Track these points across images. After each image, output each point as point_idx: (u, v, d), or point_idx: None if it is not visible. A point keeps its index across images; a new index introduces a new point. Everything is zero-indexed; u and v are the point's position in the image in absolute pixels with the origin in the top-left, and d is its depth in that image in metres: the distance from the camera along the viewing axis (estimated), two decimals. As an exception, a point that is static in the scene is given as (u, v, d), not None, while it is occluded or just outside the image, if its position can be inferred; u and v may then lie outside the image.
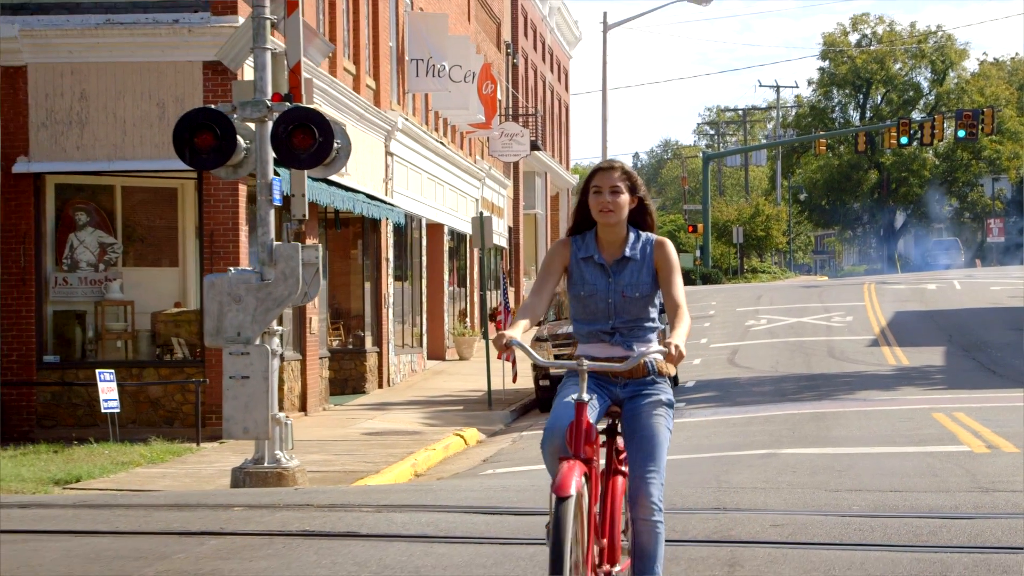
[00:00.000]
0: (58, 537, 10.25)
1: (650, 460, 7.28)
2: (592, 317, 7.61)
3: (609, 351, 7.56)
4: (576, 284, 7.65)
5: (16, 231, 22.66)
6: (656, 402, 7.47)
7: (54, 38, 22.45)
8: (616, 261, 7.63)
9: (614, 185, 7.64)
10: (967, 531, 9.54)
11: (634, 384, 7.53)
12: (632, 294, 7.57)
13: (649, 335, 7.62)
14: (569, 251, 7.72)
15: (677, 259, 7.68)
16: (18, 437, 22.14)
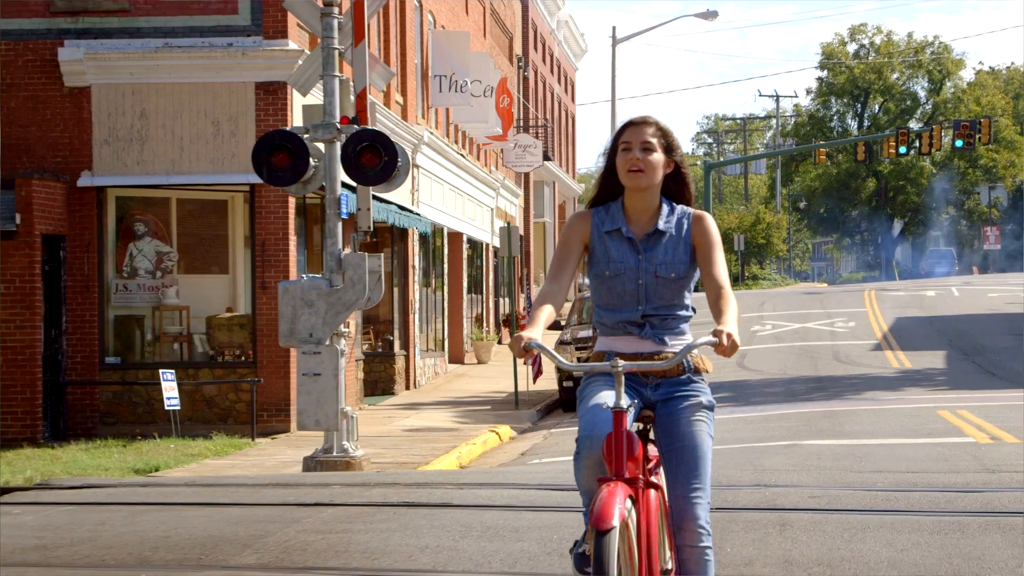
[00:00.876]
0: (192, 508, 11.79)
1: (694, 476, 6.30)
2: (619, 302, 6.56)
3: (637, 345, 6.53)
4: (600, 262, 6.61)
5: (80, 241, 24.21)
6: (696, 405, 6.46)
7: (117, 61, 23.98)
8: (647, 235, 6.59)
9: (646, 141, 6.61)
10: (978, 501, 11.12)
11: (668, 384, 6.50)
12: (667, 274, 6.54)
13: (682, 325, 6.61)
14: (590, 224, 6.67)
15: (718, 236, 6.64)
16: (82, 433, 23.69)
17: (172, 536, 10.09)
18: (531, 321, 6.42)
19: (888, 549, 9.01)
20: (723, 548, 8.99)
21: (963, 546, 9.03)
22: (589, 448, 6.20)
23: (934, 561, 8.57)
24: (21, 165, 23.86)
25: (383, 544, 9.57)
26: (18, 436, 22.86)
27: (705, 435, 6.40)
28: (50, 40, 24.10)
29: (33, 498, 12.71)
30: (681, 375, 6.49)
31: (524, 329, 6.36)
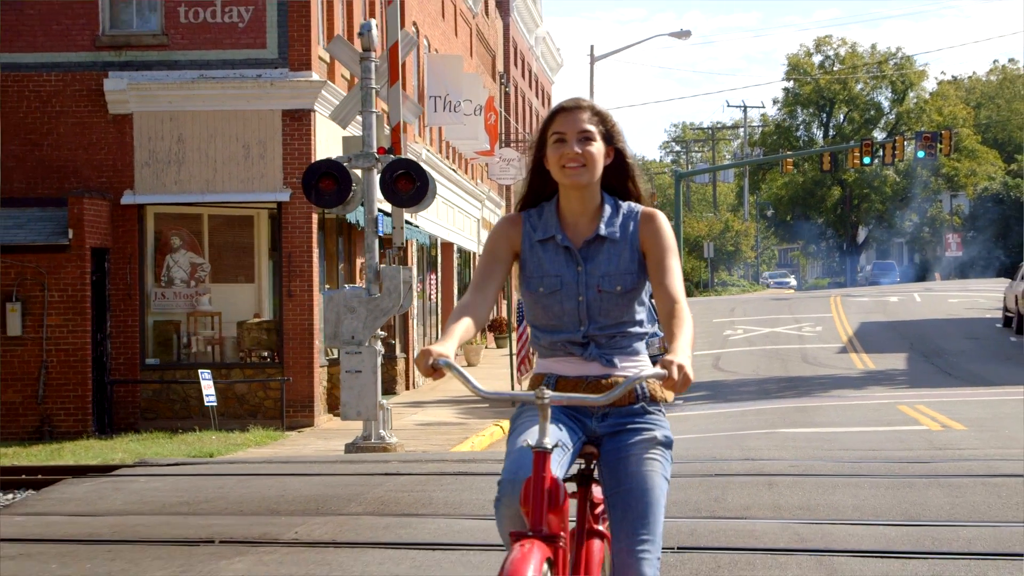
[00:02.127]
0: (286, 477, 14.31)
1: (641, 525, 5.26)
2: (556, 323, 5.53)
3: (581, 368, 5.52)
4: (532, 278, 5.55)
5: (123, 253, 26.70)
6: (648, 441, 5.42)
7: (156, 90, 26.48)
8: (587, 242, 5.55)
9: (584, 130, 5.53)
10: (925, 468, 13.76)
11: (617, 415, 5.47)
12: (612, 288, 5.50)
13: (635, 344, 5.57)
14: (521, 231, 5.64)
15: (672, 238, 5.59)
16: (125, 427, 26.18)
17: (286, 495, 12.62)
18: (445, 334, 5.34)
19: (853, 499, 11.63)
20: (724, 499, 11.56)
21: (911, 497, 11.66)
22: (512, 493, 5.17)
23: (888, 506, 11.20)
24: (69, 185, 26.34)
25: (458, 499, 12.14)
26: (70, 430, 25.35)
27: (658, 476, 5.29)
28: (96, 72, 26.57)
29: (142, 472, 15.24)
30: (633, 404, 5.44)
31: (436, 343, 5.27)
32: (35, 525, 11.30)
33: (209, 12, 26.51)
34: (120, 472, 15.24)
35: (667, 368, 5.10)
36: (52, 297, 25.47)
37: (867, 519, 10.48)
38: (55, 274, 25.46)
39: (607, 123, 5.60)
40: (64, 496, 13.19)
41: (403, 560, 9.07)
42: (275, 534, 10.22)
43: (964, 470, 13.38)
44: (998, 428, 20.71)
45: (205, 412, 25.57)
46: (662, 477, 5.33)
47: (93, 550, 9.81)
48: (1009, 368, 36.47)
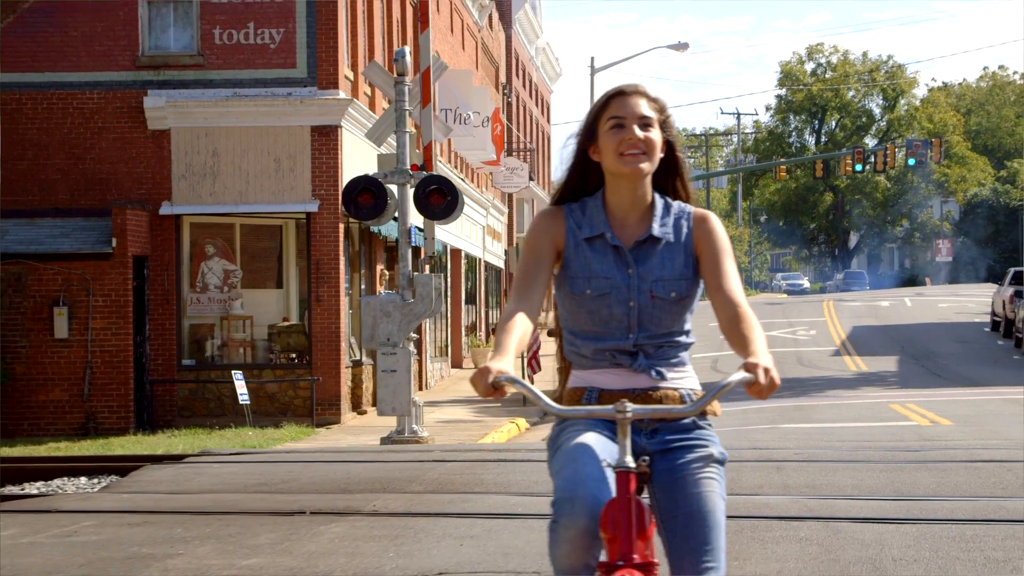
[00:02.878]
0: (345, 464, 15.99)
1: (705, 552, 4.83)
2: (602, 329, 5.07)
3: (628, 380, 5.06)
4: (577, 278, 5.08)
5: (161, 261, 28.36)
6: (704, 458, 4.99)
7: (193, 108, 28.16)
8: (638, 243, 5.08)
9: (644, 116, 5.07)
10: (914, 455, 15.47)
11: (668, 431, 5.04)
12: (665, 294, 5.05)
13: (681, 354, 5.14)
14: (564, 226, 5.13)
15: (727, 240, 5.17)
16: (163, 424, 27.84)
17: (351, 478, 14.30)
18: (498, 349, 4.85)
19: (852, 480, 13.33)
20: (739, 480, 13.22)
21: (902, 478, 13.37)
22: (571, 513, 4.64)
23: (882, 485, 12.90)
24: (111, 196, 28.01)
25: (506, 480, 13.82)
26: (113, 426, 27.02)
27: (717, 497, 4.89)
28: (135, 90, 28.26)
29: (210, 460, 16.92)
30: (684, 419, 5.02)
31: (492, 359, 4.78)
32: (144, 500, 12.98)
33: (242, 34, 28.19)
34: (190, 460, 16.92)
35: (752, 372, 4.73)
36: (97, 302, 27.13)
37: (864, 495, 12.18)
38: (99, 280, 27.12)
39: (664, 113, 5.12)
40: (153, 479, 14.89)
41: (473, 526, 10.75)
42: (356, 507, 11.90)
43: (948, 456, 15.11)
44: (981, 423, 22.45)
45: (238, 410, 27.21)
46: (720, 497, 4.91)
47: (205, 519, 11.50)
48: (995, 370, 38.23)
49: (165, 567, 9.36)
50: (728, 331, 4.98)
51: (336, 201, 27.92)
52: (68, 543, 10.56)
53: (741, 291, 5.06)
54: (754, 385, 4.74)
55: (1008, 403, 27.60)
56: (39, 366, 27.13)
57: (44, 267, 27.05)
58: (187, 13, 28.34)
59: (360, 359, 30.49)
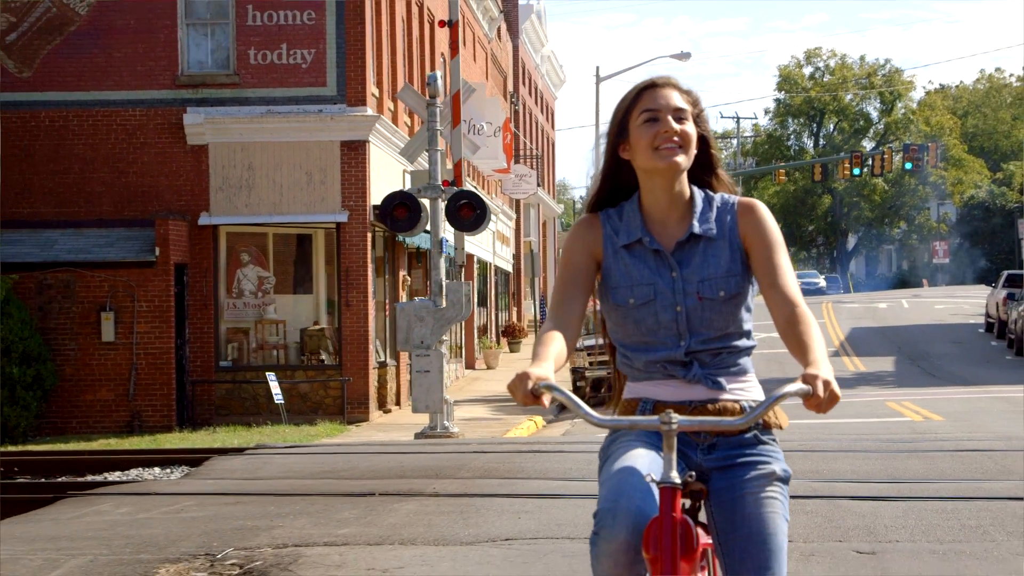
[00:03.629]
0: (392, 455, 17.73)
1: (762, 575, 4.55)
2: (651, 339, 4.76)
3: (685, 392, 4.74)
4: (619, 288, 4.80)
5: (200, 268, 30.13)
6: (766, 476, 4.68)
7: (229, 124, 29.91)
8: (680, 244, 4.77)
9: (679, 108, 4.79)
10: (906, 445, 17.23)
11: (727, 446, 4.72)
12: (714, 294, 4.75)
13: (742, 360, 4.87)
14: (601, 234, 4.86)
15: (778, 231, 4.85)
16: (202, 422, 29.58)
17: (404, 466, 16.05)
18: (537, 355, 4.63)
19: (850, 466, 15.09)
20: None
21: (895, 464, 15.13)
22: (612, 526, 4.42)
23: (877, 470, 14.66)
24: (152, 208, 29.77)
25: (543, 467, 15.58)
26: (157, 424, 28.79)
27: (779, 518, 4.62)
28: (175, 107, 30.03)
29: (269, 452, 18.67)
30: (746, 432, 4.74)
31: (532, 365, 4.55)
32: (228, 484, 14.76)
33: (276, 55, 29.96)
34: (250, 452, 18.69)
35: (811, 383, 4.41)
36: (141, 307, 28.90)
37: (861, 479, 13.94)
38: (143, 287, 28.89)
39: (698, 106, 4.83)
40: (225, 468, 16.66)
41: (526, 504, 12.50)
42: (418, 489, 13.65)
43: (936, 447, 16.90)
44: (971, 419, 24.21)
45: (272, 409, 28.97)
46: (783, 519, 4.60)
47: (290, 499, 13.25)
48: (988, 370, 39.93)
49: (272, 536, 11.12)
50: (785, 332, 4.70)
51: (364, 211, 29.70)
52: (179, 518, 12.33)
53: (797, 288, 4.76)
54: (812, 398, 4.41)
55: (998, 401, 29.33)
56: (87, 368, 28.89)
57: (91, 274, 28.80)
58: (224, 35, 30.10)
59: (385, 360, 32.26)
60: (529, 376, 4.45)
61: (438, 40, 40.15)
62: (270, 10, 29.97)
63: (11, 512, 13.88)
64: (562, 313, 4.80)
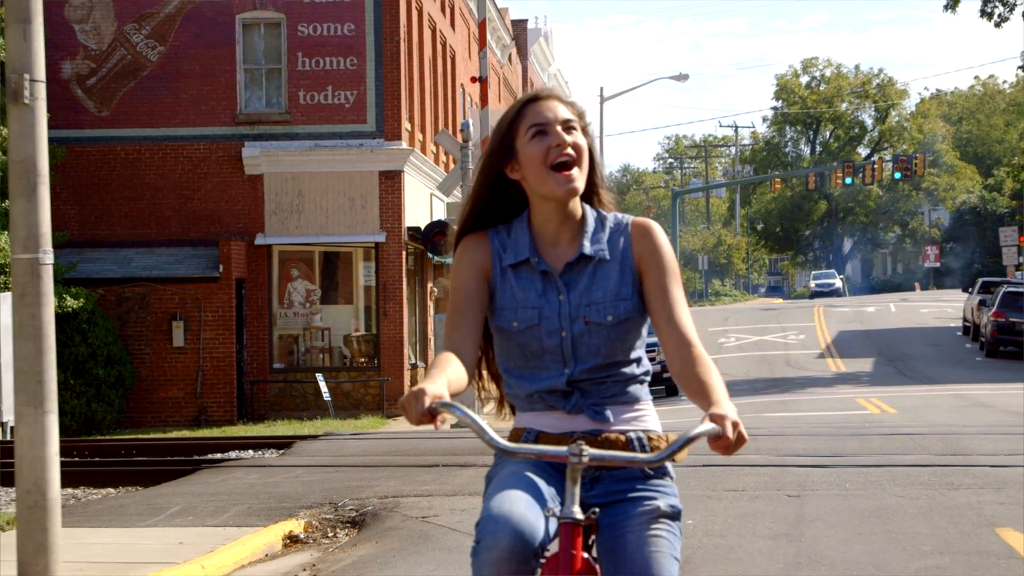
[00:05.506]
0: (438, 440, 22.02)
1: None
2: (535, 365, 4.52)
3: (566, 423, 4.49)
4: (504, 310, 4.51)
5: (256, 283, 34.49)
6: (653, 512, 4.36)
7: (282, 156, 34.28)
8: (569, 265, 4.51)
9: (566, 119, 4.51)
10: (854, 430, 21.58)
11: (612, 480, 4.43)
12: (601, 318, 4.46)
13: (631, 388, 4.54)
14: (489, 251, 4.57)
15: (673, 257, 4.54)
16: (259, 417, 33.93)
17: (455, 447, 20.32)
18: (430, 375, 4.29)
19: (803, 445, 19.41)
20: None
21: (837, 444, 19.44)
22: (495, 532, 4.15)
23: (822, 448, 18.96)
24: (214, 230, 34.13)
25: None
26: (220, 419, 33.14)
27: (666, 558, 4.27)
28: (235, 142, 34.40)
29: (337, 438, 23.00)
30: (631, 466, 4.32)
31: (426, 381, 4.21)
32: (323, 460, 19.11)
33: (322, 96, 34.32)
34: (324, 438, 23.05)
35: (719, 423, 4.14)
36: (206, 316, 33.26)
37: (807, 453, 18.28)
38: (208, 299, 33.24)
39: (583, 118, 4.59)
40: (311, 449, 21.02)
41: (554, 470, 16.86)
42: (471, 462, 17.97)
43: (876, 432, 21.28)
44: (921, 412, 28.49)
45: (319, 404, 33.33)
46: (670, 558, 4.29)
47: (375, 469, 17.59)
48: (958, 370, 43.87)
49: (375, 491, 15.48)
50: (682, 374, 4.38)
51: (399, 232, 34.04)
52: (299, 481, 16.70)
53: (692, 325, 4.45)
54: (721, 439, 4.15)
55: (954, 397, 33.56)
56: (160, 369, 33.26)
57: (164, 288, 33.18)
58: (277, 79, 34.48)
59: (416, 362, 36.60)
60: (425, 393, 4.13)
61: (459, 71, 44.54)
62: (317, 57, 34.32)
63: (161, 480, 18.27)
64: (456, 338, 4.49)
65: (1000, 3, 47.50)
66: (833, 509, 13.16)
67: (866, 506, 13.29)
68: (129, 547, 12.57)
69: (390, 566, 11.15)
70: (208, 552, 12.12)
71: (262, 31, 34.61)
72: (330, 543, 13.22)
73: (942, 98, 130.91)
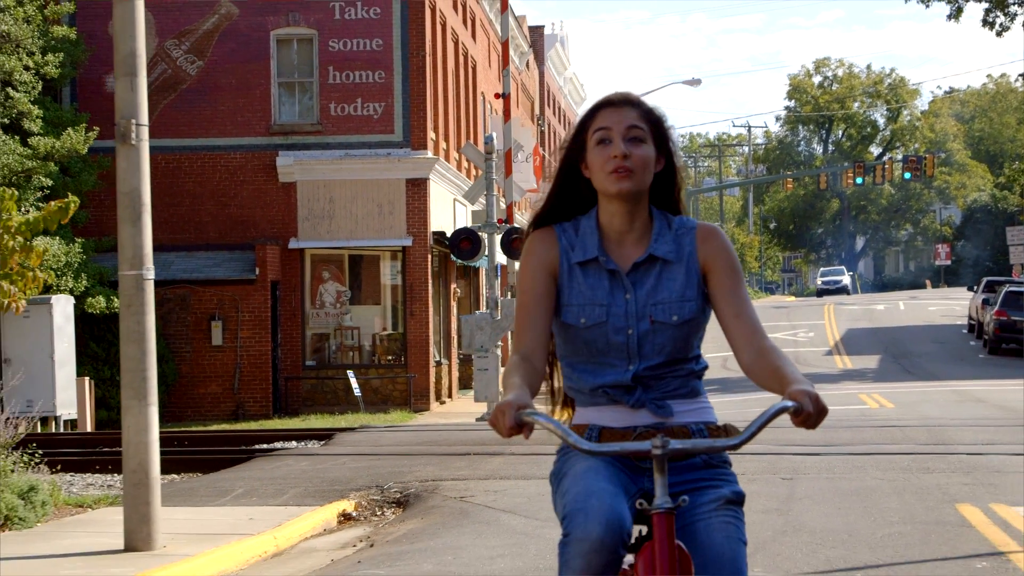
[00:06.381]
0: (468, 432, 23.92)
1: None
2: (599, 361, 4.63)
3: (630, 417, 4.63)
4: (571, 307, 4.64)
5: (290, 285, 36.43)
6: (721, 501, 4.52)
7: (314, 165, 36.21)
8: (636, 265, 4.65)
9: (632, 127, 4.61)
10: (849, 422, 23.46)
11: (674, 472, 4.54)
12: (667, 318, 4.61)
13: (693, 383, 4.73)
14: (557, 248, 4.67)
15: (738, 259, 4.71)
16: (293, 411, 35.86)
17: (483, 438, 22.21)
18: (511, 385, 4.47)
19: (800, 435, 21.25)
20: (731, 437, 21.25)
21: (832, 435, 21.28)
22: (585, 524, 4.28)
23: (818, 438, 20.81)
24: (250, 235, 36.07)
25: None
26: (257, 413, 35.09)
27: (735, 543, 4.44)
28: (269, 151, 36.34)
29: (373, 430, 24.92)
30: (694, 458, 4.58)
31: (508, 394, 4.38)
32: (363, 449, 21.02)
33: (352, 107, 36.26)
34: (361, 430, 24.98)
35: (799, 400, 4.33)
36: (243, 317, 35.21)
37: (804, 443, 20.17)
38: (245, 300, 35.20)
39: (660, 125, 4.67)
40: (351, 439, 22.95)
41: (575, 458, 18.79)
42: (498, 451, 19.87)
43: (869, 424, 23.15)
44: (916, 407, 30.31)
45: (350, 400, 35.26)
46: (739, 542, 4.44)
47: (412, 457, 19.50)
48: (960, 367, 45.44)
49: (415, 475, 17.40)
50: (754, 364, 4.59)
51: (425, 237, 35.96)
52: (346, 467, 18.64)
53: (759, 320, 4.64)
54: (802, 414, 4.35)
55: (951, 393, 35.31)
56: (199, 367, 35.22)
57: (203, 290, 35.13)
58: (309, 91, 36.42)
59: (440, 360, 38.51)
60: (511, 405, 4.29)
61: (480, 80, 46.49)
62: (347, 71, 36.25)
63: (218, 468, 20.21)
64: (527, 340, 4.62)
65: (1001, 13, 49.24)
66: (820, 489, 15.06)
67: (849, 487, 15.19)
68: (207, 522, 14.51)
69: (436, 536, 13.05)
70: (276, 526, 14.03)
71: (295, 46, 36.54)
72: (379, 520, 15.12)
73: (955, 96, 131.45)
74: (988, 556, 10.76)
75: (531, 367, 4.56)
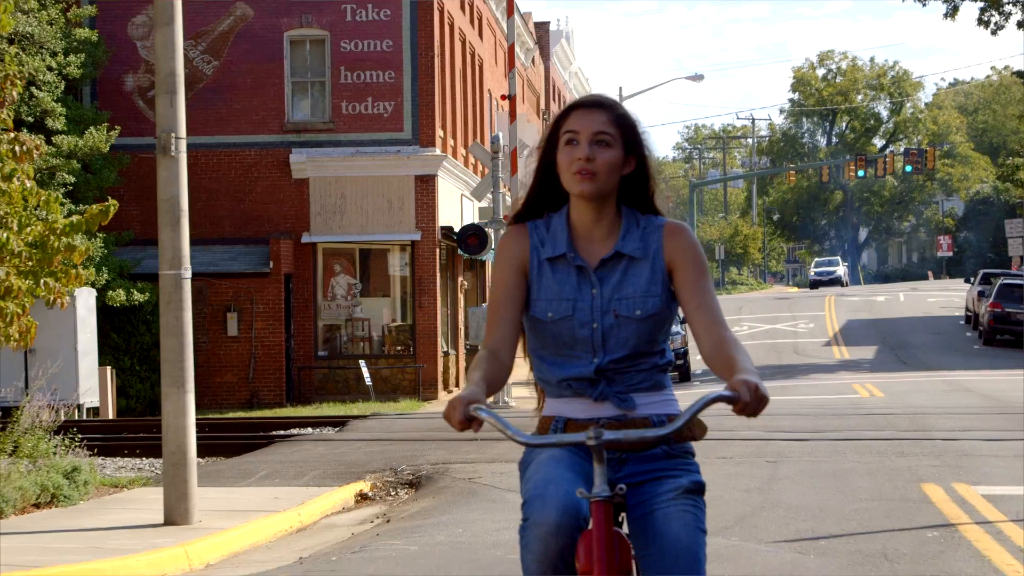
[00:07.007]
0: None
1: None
2: (565, 354, 4.83)
3: (593, 409, 4.82)
4: (539, 301, 4.83)
5: (302, 277, 37.69)
6: (680, 490, 4.68)
7: (326, 162, 37.45)
8: (603, 261, 4.83)
9: (599, 132, 4.76)
10: (838, 410, 24.69)
11: (636, 462, 4.76)
12: (631, 312, 4.78)
13: (657, 377, 4.87)
14: (528, 245, 4.89)
15: (704, 256, 4.84)
16: (305, 401, 37.11)
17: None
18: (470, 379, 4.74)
19: (790, 423, 22.50)
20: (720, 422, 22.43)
21: (820, 422, 22.53)
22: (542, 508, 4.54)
23: (806, 425, 22.06)
24: (264, 229, 37.32)
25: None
26: (271, 402, 36.36)
27: (696, 532, 4.59)
28: (283, 148, 37.59)
29: (385, 417, 26.16)
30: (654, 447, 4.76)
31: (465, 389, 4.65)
32: (376, 434, 22.29)
33: (363, 106, 37.51)
34: (373, 417, 26.24)
35: (736, 389, 4.44)
36: (258, 308, 36.47)
37: (792, 429, 21.42)
38: (260, 292, 36.47)
39: (628, 128, 4.80)
40: (365, 426, 24.22)
41: (576, 443, 20.07)
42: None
43: (856, 412, 24.39)
44: (906, 396, 31.49)
45: (360, 389, 36.51)
46: (698, 531, 4.58)
47: (422, 442, 20.75)
48: (954, 357, 46.49)
49: (427, 458, 18.67)
50: (712, 357, 4.68)
51: (434, 231, 37.19)
52: (361, 452, 19.91)
53: (720, 312, 4.76)
54: (739, 402, 4.45)
55: (941, 383, 36.46)
56: (216, 356, 36.49)
57: (219, 282, 36.39)
58: (322, 91, 37.67)
59: (447, 351, 39.76)
60: (462, 401, 4.54)
61: (486, 78, 47.72)
62: (358, 71, 37.49)
63: (239, 452, 21.48)
64: (496, 335, 4.84)
65: (996, 12, 50.37)
66: (800, 471, 16.32)
67: (827, 469, 16.45)
68: (235, 500, 15.78)
69: (448, 513, 14.31)
70: (300, 504, 15.30)
71: (308, 47, 37.78)
72: (394, 499, 16.39)
73: (959, 88, 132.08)
74: (940, 527, 12.02)
75: (497, 362, 4.84)
